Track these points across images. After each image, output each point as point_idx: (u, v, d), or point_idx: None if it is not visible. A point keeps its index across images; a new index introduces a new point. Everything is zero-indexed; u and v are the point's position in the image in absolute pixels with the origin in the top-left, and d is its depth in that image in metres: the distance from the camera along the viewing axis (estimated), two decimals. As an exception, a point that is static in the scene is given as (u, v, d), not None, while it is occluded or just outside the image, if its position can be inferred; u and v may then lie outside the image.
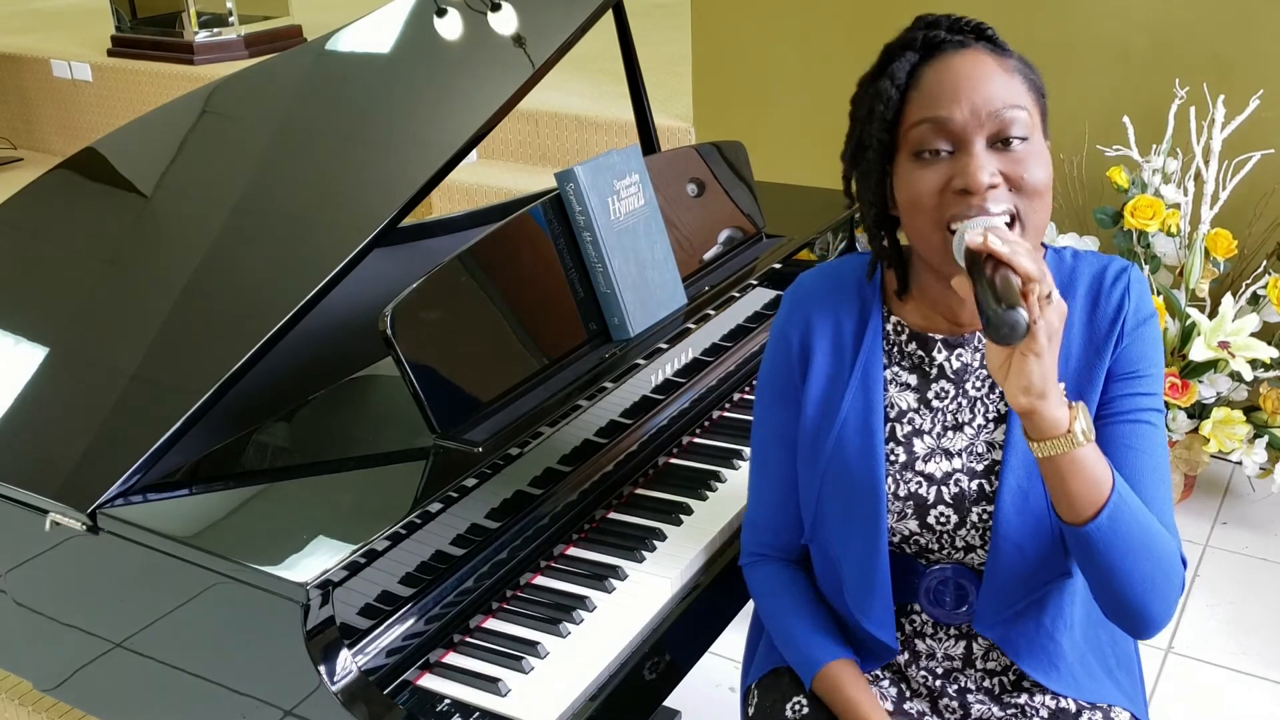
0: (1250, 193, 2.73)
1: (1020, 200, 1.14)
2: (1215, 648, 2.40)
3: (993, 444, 1.25)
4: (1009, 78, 1.15)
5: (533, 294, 1.56)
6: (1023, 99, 1.15)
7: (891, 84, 1.17)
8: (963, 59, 1.15)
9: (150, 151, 2.01)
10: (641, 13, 2.64)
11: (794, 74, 3.50)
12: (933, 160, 1.15)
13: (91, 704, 1.47)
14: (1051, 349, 1.05)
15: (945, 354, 1.26)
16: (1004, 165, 1.14)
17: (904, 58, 1.17)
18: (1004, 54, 1.18)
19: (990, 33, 1.19)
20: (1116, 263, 1.26)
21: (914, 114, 1.16)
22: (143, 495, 1.34)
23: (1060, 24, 2.98)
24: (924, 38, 1.18)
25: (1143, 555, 1.14)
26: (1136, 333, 1.22)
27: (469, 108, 1.78)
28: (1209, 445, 2.66)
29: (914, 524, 1.25)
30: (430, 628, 1.32)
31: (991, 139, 1.14)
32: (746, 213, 2.01)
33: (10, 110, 5.95)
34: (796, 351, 1.31)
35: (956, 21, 1.19)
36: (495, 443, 1.38)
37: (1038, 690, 1.28)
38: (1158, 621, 1.18)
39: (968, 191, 1.12)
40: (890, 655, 1.29)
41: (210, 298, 1.64)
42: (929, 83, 1.16)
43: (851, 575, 1.28)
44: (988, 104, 1.13)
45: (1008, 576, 1.22)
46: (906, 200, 1.18)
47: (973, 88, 1.14)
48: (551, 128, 4.20)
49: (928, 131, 1.15)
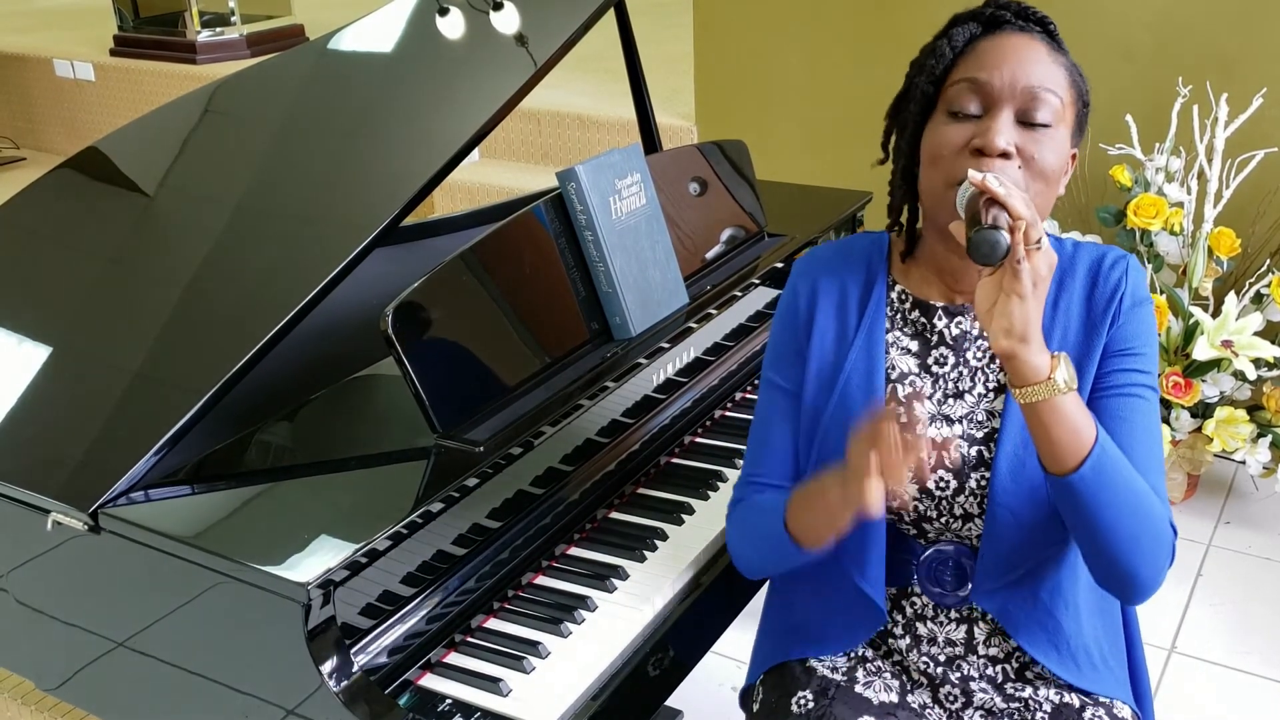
0: (1253, 191, 2.73)
1: (1027, 178, 1.19)
2: (1218, 647, 2.40)
3: (992, 412, 1.28)
4: (1055, 67, 1.22)
5: (534, 293, 1.55)
6: (1060, 89, 1.21)
7: (948, 45, 1.24)
8: (1019, 38, 1.23)
9: (152, 151, 2.01)
10: (643, 11, 2.64)
11: (796, 73, 3.49)
12: (962, 120, 1.21)
13: (93, 704, 1.47)
14: (1037, 294, 1.09)
15: (945, 321, 1.30)
16: (1022, 140, 1.19)
17: (967, 26, 1.25)
18: (1060, 50, 1.24)
19: (1053, 27, 1.26)
20: (1115, 251, 1.31)
21: (958, 73, 1.23)
22: (144, 495, 1.33)
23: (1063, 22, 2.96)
24: (990, 14, 1.25)
25: (1128, 512, 1.15)
26: (1133, 312, 1.27)
27: (471, 106, 1.78)
28: (1212, 444, 2.65)
29: (913, 488, 1.27)
30: (431, 627, 1.32)
31: (1019, 114, 1.19)
32: (748, 211, 2.01)
33: (13, 110, 5.95)
34: (803, 312, 1.35)
35: (1025, 9, 1.25)
36: (497, 442, 1.38)
37: (1041, 684, 1.30)
38: (1147, 585, 1.20)
39: (982, 152, 1.18)
40: (878, 622, 1.31)
41: (212, 297, 1.64)
42: (980, 50, 1.23)
43: (848, 537, 1.27)
44: (1026, 78, 1.19)
45: (1004, 545, 1.25)
46: (929, 152, 1.24)
47: (1017, 61, 1.20)
48: (553, 127, 4.20)
49: (964, 90, 1.21)
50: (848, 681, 1.31)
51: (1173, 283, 2.76)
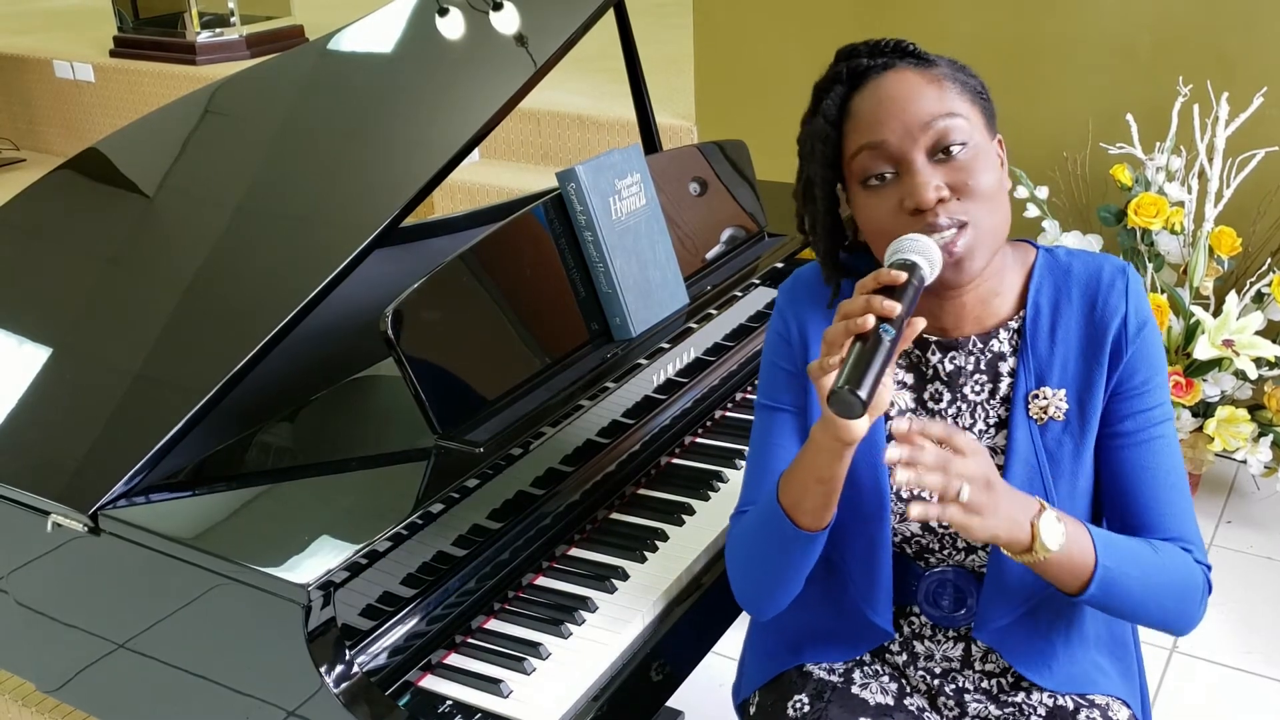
0: (1254, 190, 2.73)
1: (971, 206, 1.14)
2: (1220, 647, 2.40)
3: (994, 449, 1.25)
4: (938, 88, 1.16)
5: (534, 294, 1.55)
6: (956, 105, 1.15)
7: (825, 121, 1.19)
8: (887, 80, 1.17)
9: (152, 152, 2.01)
10: (643, 11, 2.64)
11: (796, 72, 3.48)
12: (880, 185, 1.16)
13: (94, 705, 1.47)
14: (991, 496, 1.08)
15: (939, 356, 1.26)
16: (948, 176, 1.14)
17: (833, 92, 1.19)
18: (929, 65, 1.18)
19: (911, 48, 1.19)
20: (1112, 262, 1.26)
21: (852, 144, 1.18)
22: (144, 496, 1.33)
23: (1064, 22, 2.98)
24: (847, 69, 1.19)
25: (1150, 599, 1.19)
26: (1139, 338, 1.21)
27: (470, 107, 1.77)
28: (1213, 444, 2.65)
29: (916, 525, 1.25)
30: (432, 628, 1.32)
31: (931, 151, 1.14)
32: (749, 212, 2.01)
33: (13, 111, 5.95)
34: (797, 342, 1.30)
35: (875, 46, 1.20)
36: (497, 443, 1.38)
37: (1035, 688, 1.29)
38: (1186, 629, 1.24)
39: (919, 209, 1.13)
40: (883, 639, 1.30)
41: (212, 298, 1.63)
42: (860, 110, 1.17)
43: (855, 570, 1.27)
44: (918, 119, 1.14)
45: (1008, 580, 1.23)
46: (868, 229, 1.19)
47: (901, 107, 1.14)
48: (553, 127, 4.20)
49: (867, 159, 1.16)
50: (844, 684, 1.31)
51: (1174, 282, 2.75)
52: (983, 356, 1.25)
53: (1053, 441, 1.22)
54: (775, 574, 1.24)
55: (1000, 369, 1.25)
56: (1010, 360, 1.24)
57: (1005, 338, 1.25)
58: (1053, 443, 1.22)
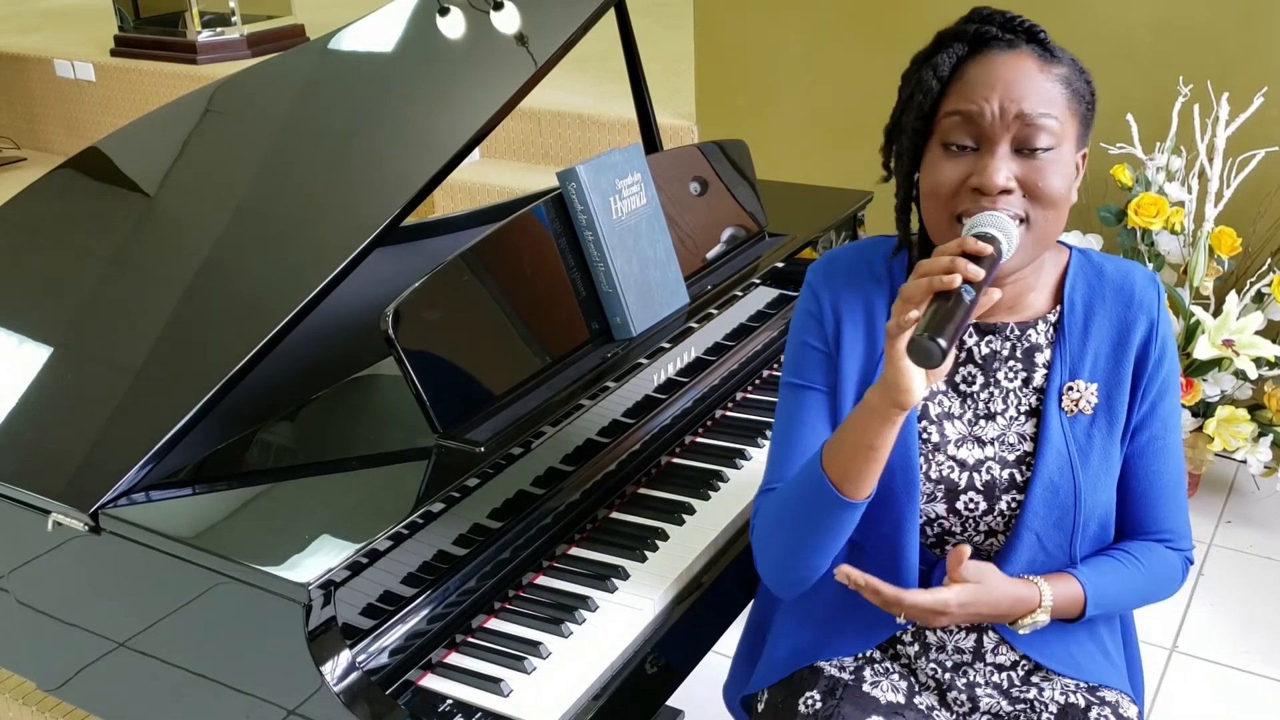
0: (1254, 190, 2.73)
1: (1033, 207, 1.16)
2: (1219, 647, 2.40)
3: (1025, 435, 1.27)
4: (1049, 84, 1.16)
5: (534, 293, 1.55)
6: (1057, 108, 1.16)
7: (934, 75, 1.19)
8: (1006, 59, 1.17)
9: (153, 151, 2.01)
10: (643, 10, 2.64)
11: (797, 72, 3.49)
12: (958, 154, 1.18)
13: (94, 704, 1.47)
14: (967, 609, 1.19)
15: (975, 339, 1.28)
16: (1022, 171, 1.16)
17: (952, 48, 1.20)
18: (1052, 59, 1.18)
19: (1042, 35, 1.20)
20: (1141, 273, 1.29)
21: (949, 104, 1.18)
22: (145, 495, 1.33)
23: (1064, 21, 2.97)
24: (975, 31, 1.19)
25: (1134, 602, 1.32)
26: (1164, 350, 1.27)
27: (471, 106, 1.77)
28: (1213, 444, 2.65)
29: (942, 507, 1.27)
30: (432, 627, 1.32)
31: (1016, 144, 1.16)
32: (749, 211, 2.01)
33: (13, 110, 5.95)
34: (830, 320, 1.30)
35: (1010, 20, 1.20)
36: (497, 442, 1.38)
37: (1047, 684, 1.30)
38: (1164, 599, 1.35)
39: (981, 191, 1.15)
40: (897, 626, 1.31)
41: (213, 297, 1.63)
42: (969, 77, 1.18)
43: (880, 551, 1.27)
44: (1018, 106, 1.15)
45: (1021, 564, 1.26)
46: (927, 186, 1.21)
47: (1007, 88, 1.15)
48: (553, 126, 4.19)
49: (957, 124, 1.17)
50: (855, 681, 1.31)
51: (1174, 282, 2.76)
52: (1019, 344, 1.27)
53: (1081, 434, 1.26)
54: (810, 547, 1.23)
55: (1035, 359, 1.27)
56: (1046, 352, 1.27)
57: (1043, 330, 1.28)
58: (1081, 435, 1.26)
